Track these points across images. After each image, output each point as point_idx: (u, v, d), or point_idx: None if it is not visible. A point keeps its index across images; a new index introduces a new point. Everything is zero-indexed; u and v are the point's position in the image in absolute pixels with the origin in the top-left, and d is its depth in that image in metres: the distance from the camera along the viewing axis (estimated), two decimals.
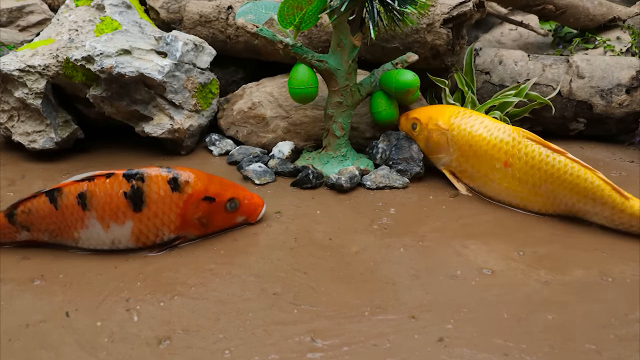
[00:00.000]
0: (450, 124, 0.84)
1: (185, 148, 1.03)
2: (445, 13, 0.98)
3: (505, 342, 0.55)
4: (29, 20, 1.25)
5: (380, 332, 0.56)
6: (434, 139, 0.85)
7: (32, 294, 0.62)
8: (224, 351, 0.54)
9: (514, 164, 0.78)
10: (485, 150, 0.80)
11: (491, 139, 0.80)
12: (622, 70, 1.08)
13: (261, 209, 0.77)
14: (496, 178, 0.80)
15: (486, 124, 0.82)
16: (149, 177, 0.68)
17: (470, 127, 0.82)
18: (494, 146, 0.79)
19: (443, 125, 0.85)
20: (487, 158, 0.79)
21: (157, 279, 0.65)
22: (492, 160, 0.79)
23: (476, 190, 0.84)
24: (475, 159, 0.81)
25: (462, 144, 0.82)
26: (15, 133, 0.99)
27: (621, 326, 0.58)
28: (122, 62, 0.93)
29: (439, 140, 0.85)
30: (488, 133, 0.80)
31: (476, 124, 0.82)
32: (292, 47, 0.88)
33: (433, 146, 0.87)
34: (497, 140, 0.79)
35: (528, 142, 0.78)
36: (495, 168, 0.79)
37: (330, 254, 0.71)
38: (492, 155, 0.79)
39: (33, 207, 0.68)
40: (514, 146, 0.78)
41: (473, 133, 0.81)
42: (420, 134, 0.89)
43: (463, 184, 0.84)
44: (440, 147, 0.85)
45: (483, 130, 0.81)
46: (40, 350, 0.54)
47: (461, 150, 0.82)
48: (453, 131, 0.83)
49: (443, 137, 0.84)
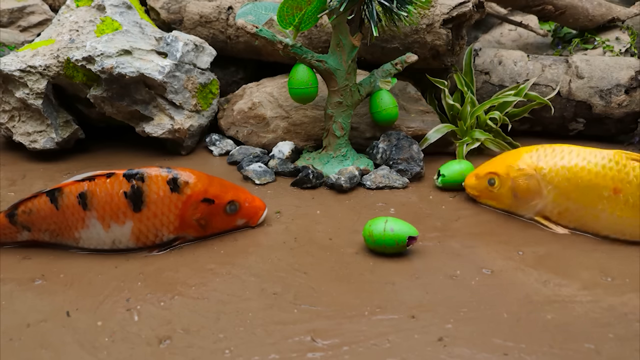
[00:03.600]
0: (537, 164, 0.76)
1: (186, 148, 1.03)
2: (445, 13, 0.99)
3: (504, 342, 0.55)
4: (30, 20, 1.25)
5: (380, 331, 0.57)
6: (522, 186, 0.77)
7: (33, 294, 0.62)
8: (224, 351, 0.54)
9: (624, 189, 0.72)
10: (589, 180, 0.73)
11: (592, 167, 0.73)
12: (621, 70, 1.08)
13: (262, 213, 0.76)
14: (606, 208, 0.73)
15: (578, 153, 0.75)
16: (148, 177, 0.68)
17: (561, 160, 0.75)
18: (597, 174, 0.73)
19: (528, 168, 0.77)
20: (591, 189, 0.73)
21: (158, 278, 0.65)
22: (598, 189, 0.73)
23: (580, 230, 0.76)
24: (577, 193, 0.74)
25: (558, 181, 0.74)
26: (16, 133, 0.99)
27: (621, 326, 0.58)
28: (122, 63, 0.93)
29: (529, 185, 0.76)
30: (585, 162, 0.74)
31: (567, 156, 0.75)
32: (291, 47, 0.88)
33: (523, 195, 0.77)
34: (599, 167, 0.73)
35: (634, 163, 0.73)
36: (604, 197, 0.73)
37: (330, 254, 0.71)
38: (597, 184, 0.73)
39: (34, 207, 0.68)
40: (620, 170, 0.72)
41: (569, 166, 0.74)
42: (502, 187, 0.79)
43: (561, 226, 0.77)
44: (532, 192, 0.77)
45: (578, 160, 0.74)
46: (40, 349, 0.54)
47: (559, 188, 0.74)
48: (543, 170, 0.75)
49: (533, 181, 0.76)
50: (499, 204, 0.81)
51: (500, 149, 1.03)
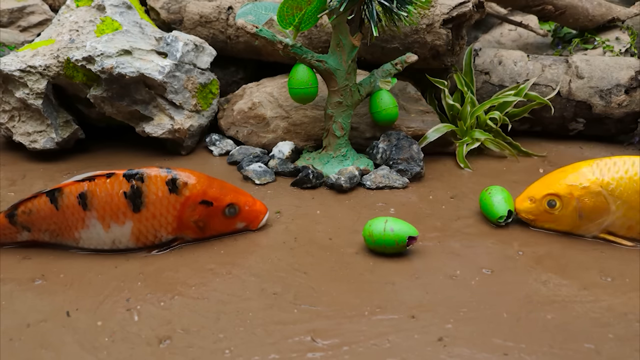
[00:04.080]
0: (602, 180, 0.73)
1: (186, 148, 1.03)
2: (444, 13, 0.99)
3: (504, 342, 0.55)
4: (30, 20, 1.25)
5: (380, 331, 0.57)
6: (589, 204, 0.73)
7: (33, 294, 0.62)
8: (224, 351, 0.54)
9: None
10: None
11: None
12: (621, 70, 1.08)
13: (263, 217, 0.76)
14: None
15: (639, 163, 0.73)
16: (148, 178, 0.68)
17: (627, 173, 0.72)
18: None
19: (593, 185, 0.73)
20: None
21: (158, 278, 0.65)
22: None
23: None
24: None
25: (628, 195, 0.72)
26: (16, 133, 0.99)
27: (620, 326, 0.58)
28: (122, 63, 0.93)
29: (596, 203, 0.73)
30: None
31: (630, 168, 0.73)
32: (291, 47, 0.88)
33: (590, 214, 0.74)
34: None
35: None
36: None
37: (330, 254, 0.71)
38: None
39: (34, 207, 0.68)
40: None
41: (636, 178, 0.72)
42: (566, 209, 0.74)
43: (628, 240, 0.74)
44: (600, 210, 0.73)
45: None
46: (40, 349, 0.54)
47: (628, 202, 0.72)
48: (610, 186, 0.72)
49: (600, 198, 0.73)
50: (559, 225, 0.76)
51: (500, 149, 1.03)
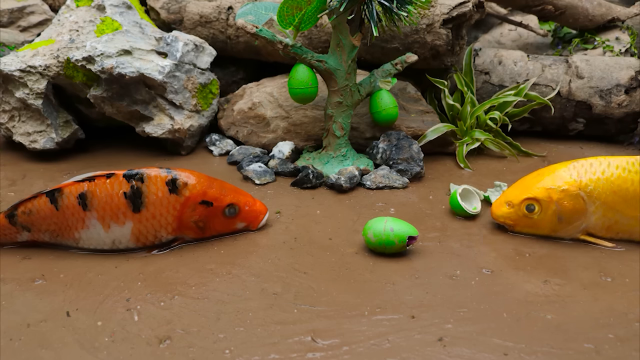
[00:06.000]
0: (579, 182, 0.73)
1: (186, 148, 1.03)
2: (445, 13, 0.99)
3: (504, 342, 0.55)
4: (30, 20, 1.25)
5: (380, 331, 0.57)
6: (568, 207, 0.72)
7: (33, 294, 0.62)
8: (224, 351, 0.54)
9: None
10: (633, 189, 0.72)
11: (632, 176, 0.72)
12: (621, 70, 1.08)
13: (263, 217, 0.76)
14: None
15: (614, 164, 0.74)
16: (148, 178, 0.68)
17: (603, 174, 0.73)
18: (638, 182, 0.72)
19: (571, 187, 0.72)
20: (636, 197, 0.72)
21: (158, 278, 0.65)
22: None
23: (625, 240, 0.75)
24: (624, 204, 0.73)
25: (605, 196, 0.72)
26: (16, 133, 0.99)
27: (620, 326, 0.58)
28: (122, 63, 0.93)
29: (575, 205, 0.72)
30: (626, 172, 0.72)
31: (606, 169, 0.73)
32: (291, 47, 0.88)
33: (569, 216, 0.73)
34: (637, 174, 0.72)
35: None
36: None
37: (330, 254, 0.71)
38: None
39: (34, 207, 0.68)
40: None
41: (612, 179, 0.72)
42: (545, 212, 0.73)
43: (607, 240, 0.74)
44: (579, 212, 0.73)
45: (616, 170, 0.73)
46: (40, 349, 0.54)
47: (606, 202, 0.73)
48: (587, 187, 0.72)
49: (578, 200, 0.72)
50: (538, 230, 0.75)
51: (500, 149, 1.03)
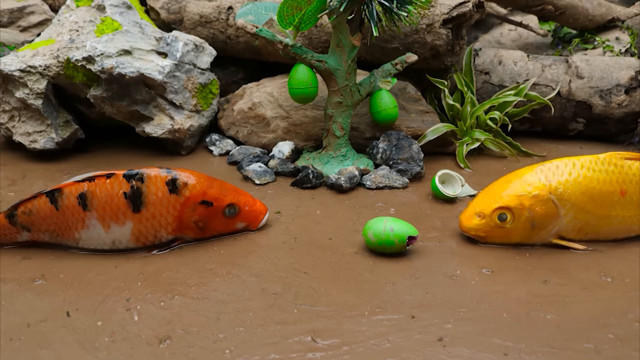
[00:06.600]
0: (549, 186, 0.71)
1: (186, 148, 1.03)
2: (445, 13, 0.99)
3: (504, 342, 0.55)
4: (30, 20, 1.25)
5: (380, 331, 0.57)
6: (540, 212, 0.71)
7: (33, 294, 0.62)
8: (224, 351, 0.54)
9: (628, 189, 0.73)
10: (600, 189, 0.72)
11: (599, 176, 0.72)
12: (621, 70, 1.08)
13: (263, 217, 0.76)
14: (618, 212, 0.73)
15: (581, 164, 0.73)
16: (148, 178, 0.68)
17: (570, 176, 0.72)
18: (605, 181, 0.72)
19: (542, 192, 0.71)
20: (604, 196, 0.72)
21: (158, 278, 0.65)
22: (610, 195, 0.72)
23: (595, 240, 0.74)
24: (593, 204, 0.72)
25: (575, 198, 0.72)
26: (16, 133, 0.99)
27: (620, 326, 0.58)
28: (122, 63, 0.93)
29: (547, 210, 0.71)
30: (591, 171, 0.72)
31: (574, 171, 0.73)
32: (291, 47, 0.88)
33: (542, 222, 0.72)
34: (605, 174, 0.72)
35: (629, 162, 0.73)
36: (615, 202, 0.73)
37: (330, 253, 0.71)
38: (607, 190, 0.72)
39: (34, 207, 0.68)
40: (621, 171, 0.73)
41: (580, 180, 0.72)
42: (518, 220, 0.71)
43: (580, 242, 0.74)
44: (551, 216, 0.72)
45: (585, 171, 0.72)
46: (40, 349, 0.54)
47: (576, 204, 0.72)
48: (557, 191, 0.71)
49: (549, 204, 0.71)
50: (511, 239, 0.73)
51: (500, 149, 1.03)
